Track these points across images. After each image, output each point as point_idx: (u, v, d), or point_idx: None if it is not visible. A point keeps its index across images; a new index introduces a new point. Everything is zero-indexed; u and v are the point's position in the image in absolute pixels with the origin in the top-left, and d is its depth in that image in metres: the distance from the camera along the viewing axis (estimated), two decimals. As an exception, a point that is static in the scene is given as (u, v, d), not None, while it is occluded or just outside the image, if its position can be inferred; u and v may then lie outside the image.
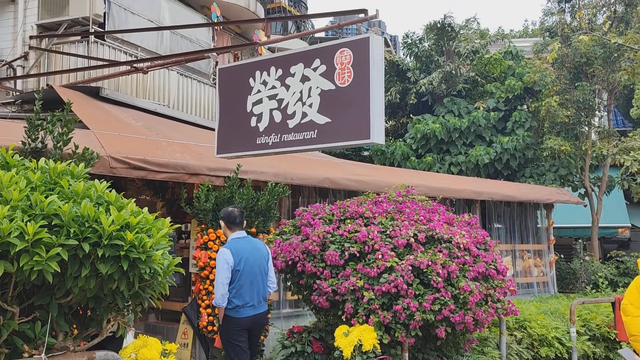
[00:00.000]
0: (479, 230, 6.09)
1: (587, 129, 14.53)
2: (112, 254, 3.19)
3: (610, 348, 8.13)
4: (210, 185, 6.88)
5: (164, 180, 7.68)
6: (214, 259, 6.71)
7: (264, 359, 6.68)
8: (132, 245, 3.26)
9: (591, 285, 12.43)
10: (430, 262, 5.27)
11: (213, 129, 8.14)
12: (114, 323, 3.74)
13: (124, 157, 6.24)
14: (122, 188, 8.30)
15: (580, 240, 16.02)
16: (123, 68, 8.35)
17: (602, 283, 12.05)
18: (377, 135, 5.05)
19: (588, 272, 13.26)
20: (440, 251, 5.47)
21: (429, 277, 5.24)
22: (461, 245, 5.56)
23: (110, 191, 3.47)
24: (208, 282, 6.76)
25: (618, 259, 14.00)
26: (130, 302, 3.71)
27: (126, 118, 8.39)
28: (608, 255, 14.85)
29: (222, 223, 5.53)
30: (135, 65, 7.32)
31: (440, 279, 5.22)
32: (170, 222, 3.68)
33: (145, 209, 3.60)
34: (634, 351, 2.45)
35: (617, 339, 8.02)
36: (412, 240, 5.50)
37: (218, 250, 6.74)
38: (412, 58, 17.49)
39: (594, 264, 13.40)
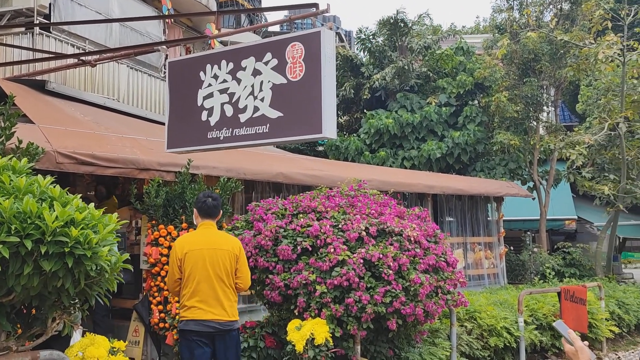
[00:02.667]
0: (429, 223, 6.19)
1: (535, 123, 14.91)
2: (56, 250, 3.11)
3: (556, 337, 8.38)
4: (160, 181, 6.77)
5: (114, 176, 7.53)
6: (165, 255, 6.63)
7: (217, 355, 6.62)
8: (77, 241, 3.19)
9: (539, 276, 12.79)
10: (381, 255, 5.33)
11: (164, 124, 8.02)
12: (59, 322, 3.65)
13: (71, 152, 6.08)
14: (70, 184, 8.10)
15: (529, 233, 16.46)
16: (70, 61, 8.13)
17: (550, 274, 12.41)
18: (329, 129, 5.06)
19: (536, 263, 13.64)
20: (391, 244, 5.53)
21: (380, 270, 5.30)
22: (412, 238, 5.63)
23: (54, 187, 3.38)
24: (159, 278, 6.66)
25: (565, 250, 14.43)
26: (76, 300, 3.63)
27: (74, 112, 8.19)
28: (555, 246, 15.30)
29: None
30: (82, 58, 7.13)
31: (391, 271, 5.27)
32: (118, 218, 3.62)
33: (92, 205, 3.53)
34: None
35: (563, 328, 8.27)
36: (364, 233, 5.55)
37: (169, 246, 6.67)
38: (365, 53, 17.61)
39: (542, 255, 13.78)
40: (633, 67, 12.73)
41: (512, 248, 15.63)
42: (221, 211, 5.10)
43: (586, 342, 2.52)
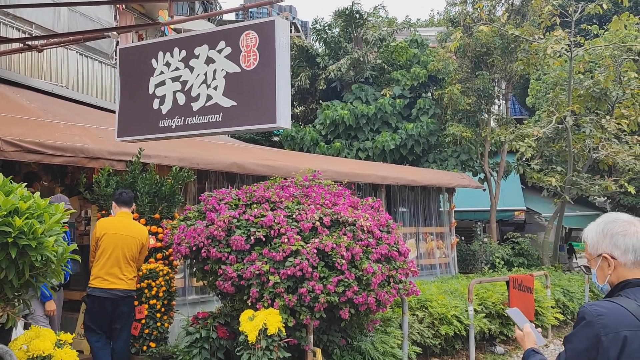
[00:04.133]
0: (382, 214, 6.24)
1: (486, 116, 15.21)
2: (-1, 240, 3.02)
3: (505, 324, 8.61)
4: (111, 170, 6.63)
5: (62, 165, 7.33)
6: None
7: (168, 346, 6.55)
8: (21, 231, 3.10)
9: (489, 266, 13.08)
10: (334, 245, 5.35)
11: (114, 112, 7.84)
12: (2, 314, 3.54)
13: (16, 139, 5.89)
14: (16, 174, 7.85)
15: (479, 223, 16.81)
16: (15, 46, 7.85)
17: (499, 263, 12.71)
18: (284, 119, 5.02)
19: (487, 253, 13.95)
20: (344, 234, 5.55)
21: (334, 259, 5.32)
22: (365, 228, 5.67)
23: (-5, 174, 3.28)
24: (109, 269, 6.53)
25: (514, 240, 14.82)
26: (20, 292, 3.52)
27: (19, 99, 7.92)
28: (505, 237, 15.67)
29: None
30: (28, 42, 6.89)
31: (344, 261, 5.30)
32: (66, 208, 3.53)
33: (37, 194, 3.43)
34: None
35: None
36: (318, 223, 5.56)
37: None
38: (321, 44, 17.60)
39: (492, 245, 14.10)
40: (580, 62, 13.13)
41: (463, 238, 15.95)
42: (134, 203, 6.20)
43: (539, 329, 2.61)
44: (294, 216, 5.62)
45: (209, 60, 5.33)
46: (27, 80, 8.78)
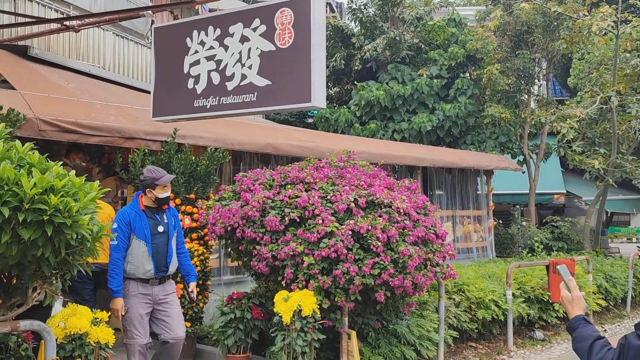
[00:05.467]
0: (419, 195, 6.11)
1: (526, 97, 14.83)
2: (34, 218, 3.01)
3: (544, 309, 8.43)
4: (146, 150, 6.65)
5: (99, 145, 7.39)
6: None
7: (203, 326, 6.59)
8: (56, 209, 3.09)
9: (527, 250, 12.83)
10: (370, 227, 5.26)
11: (149, 92, 7.84)
12: (40, 291, 3.57)
13: (54, 119, 5.94)
14: (54, 153, 7.95)
15: (518, 207, 16.49)
16: (53, 26, 7.91)
17: (538, 247, 12.44)
18: (319, 98, 4.94)
19: (525, 237, 13.68)
20: (380, 216, 5.45)
21: (369, 241, 5.23)
22: (401, 210, 5.56)
23: (33, 153, 3.26)
24: (146, 249, 6.58)
25: (553, 224, 14.50)
26: (57, 270, 3.54)
27: (57, 79, 7.99)
28: (544, 220, 15.34)
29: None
30: (66, 23, 6.92)
31: (379, 243, 5.21)
32: (100, 186, 3.52)
33: (73, 173, 3.42)
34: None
35: (551, 301, 8.30)
36: (353, 205, 5.47)
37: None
38: (356, 24, 17.34)
39: (531, 229, 13.82)
40: (626, 40, 12.64)
41: (500, 222, 15.66)
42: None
43: (583, 293, 2.44)
44: (328, 197, 5.54)
45: (244, 39, 5.26)
46: (64, 61, 8.86)
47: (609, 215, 20.45)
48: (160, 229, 5.12)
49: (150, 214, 5.13)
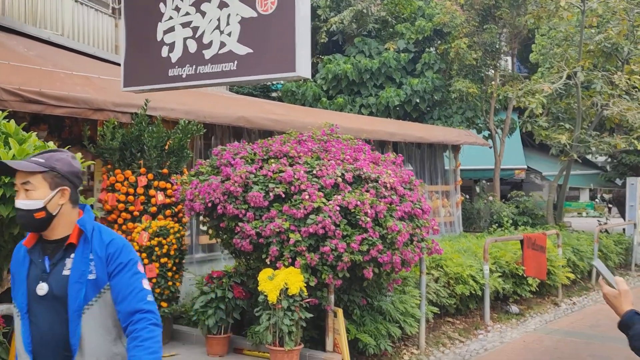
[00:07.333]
0: (404, 170, 5.96)
1: (493, 72, 14.82)
2: (13, 194, 2.71)
3: (518, 284, 8.46)
4: (116, 122, 6.29)
5: (59, 117, 6.96)
6: (123, 202, 6.22)
7: (178, 305, 6.34)
8: (36, 184, 2.78)
9: (495, 224, 12.90)
10: (358, 202, 5.08)
11: (114, 63, 7.43)
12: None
13: (17, 88, 5.52)
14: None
15: (484, 181, 16.60)
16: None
17: (507, 222, 12.53)
18: (303, 68, 4.69)
19: (491, 212, 13.76)
20: (367, 191, 5.28)
21: (357, 217, 5.06)
22: (388, 185, 5.39)
23: (9, 122, 2.95)
24: (116, 226, 6.26)
25: (518, 199, 14.65)
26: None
27: (16, 46, 7.48)
28: (509, 195, 15.49)
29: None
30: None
31: (368, 219, 5.04)
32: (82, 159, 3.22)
33: (51, 144, 3.11)
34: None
35: (524, 275, 8.33)
36: (340, 180, 5.28)
37: (127, 192, 6.25)
38: (322, -5, 16.97)
39: (497, 204, 13.91)
40: (592, 17, 12.69)
41: (467, 197, 15.74)
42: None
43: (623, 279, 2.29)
44: (314, 172, 5.33)
45: (222, 4, 4.94)
46: (23, 27, 8.30)
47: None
48: (41, 290, 2.20)
49: (37, 254, 2.27)
